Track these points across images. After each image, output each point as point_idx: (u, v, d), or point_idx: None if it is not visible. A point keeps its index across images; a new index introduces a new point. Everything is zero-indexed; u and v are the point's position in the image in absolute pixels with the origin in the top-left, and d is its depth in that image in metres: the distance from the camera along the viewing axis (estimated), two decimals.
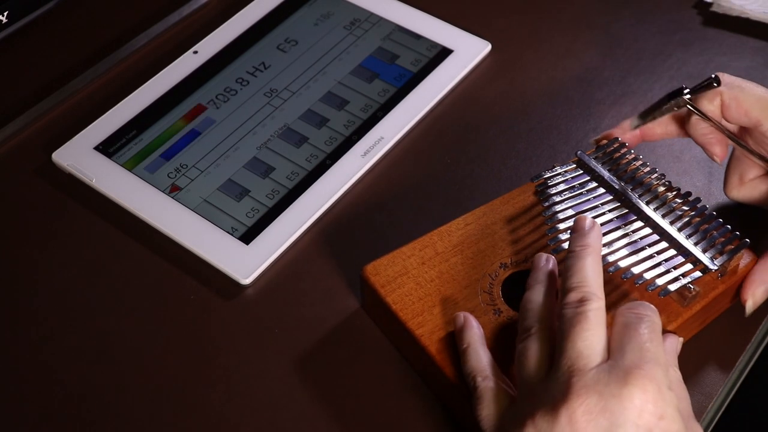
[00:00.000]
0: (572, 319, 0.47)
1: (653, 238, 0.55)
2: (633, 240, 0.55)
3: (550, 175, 0.59)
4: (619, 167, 0.59)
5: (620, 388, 0.44)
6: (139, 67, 0.75)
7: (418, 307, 0.55)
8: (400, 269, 0.56)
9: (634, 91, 0.72)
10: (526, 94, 0.72)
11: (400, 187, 0.66)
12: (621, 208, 0.57)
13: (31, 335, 0.59)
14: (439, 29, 0.75)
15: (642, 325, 0.47)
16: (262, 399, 0.55)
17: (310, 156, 0.67)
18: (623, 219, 0.56)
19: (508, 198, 0.60)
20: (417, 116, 0.70)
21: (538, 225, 0.58)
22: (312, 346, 0.58)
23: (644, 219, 0.56)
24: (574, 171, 0.59)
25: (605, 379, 0.44)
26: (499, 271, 0.56)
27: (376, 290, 0.55)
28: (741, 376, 0.58)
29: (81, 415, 0.55)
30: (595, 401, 0.44)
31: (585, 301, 0.47)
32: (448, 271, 0.56)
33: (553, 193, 0.58)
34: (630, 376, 0.44)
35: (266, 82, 0.72)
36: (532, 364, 0.48)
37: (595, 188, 0.58)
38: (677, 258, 0.54)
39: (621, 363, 0.45)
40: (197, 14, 0.79)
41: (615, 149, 0.60)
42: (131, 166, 0.66)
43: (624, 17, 0.77)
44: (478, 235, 0.58)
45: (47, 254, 0.63)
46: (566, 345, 0.46)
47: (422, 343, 0.53)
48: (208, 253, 0.61)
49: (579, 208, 0.57)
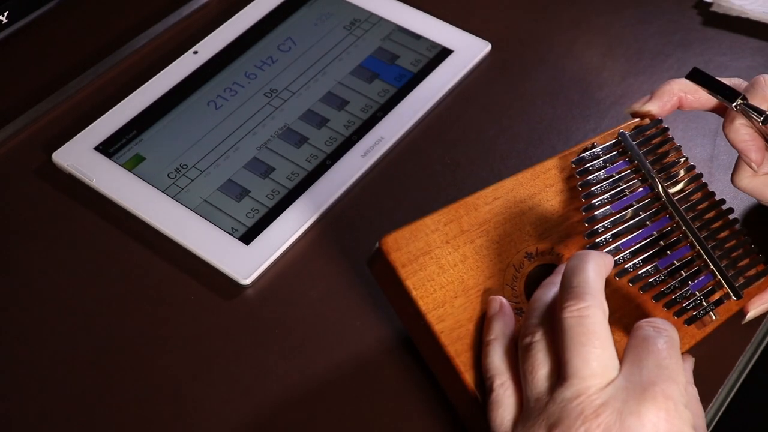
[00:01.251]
0: (579, 335, 0.45)
1: (684, 252, 0.53)
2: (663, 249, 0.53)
3: (590, 154, 0.56)
4: (657, 155, 0.56)
5: (638, 406, 0.43)
6: (139, 67, 0.75)
7: (440, 296, 0.50)
8: (423, 246, 0.51)
9: (634, 91, 0.72)
10: (526, 94, 0.72)
11: (400, 187, 0.66)
12: (655, 208, 0.54)
13: (31, 335, 0.59)
14: (439, 29, 0.75)
15: (660, 340, 0.45)
16: (262, 399, 0.55)
17: (310, 156, 0.67)
18: (658, 224, 0.54)
19: (540, 171, 0.55)
20: (417, 116, 0.70)
21: (569, 209, 0.55)
22: (312, 346, 0.58)
23: (676, 225, 0.54)
24: (612, 152, 0.56)
25: (622, 396, 0.44)
26: (524, 262, 0.53)
27: (396, 270, 0.50)
28: (741, 376, 0.58)
29: (81, 415, 0.55)
30: (613, 420, 0.43)
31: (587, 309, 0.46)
32: (472, 256, 0.52)
33: (591, 181, 0.55)
34: (647, 393, 0.43)
35: (266, 82, 0.72)
36: (540, 378, 0.46)
37: (633, 179, 0.55)
38: (704, 278, 0.53)
39: (638, 379, 0.44)
40: (197, 14, 0.79)
41: (656, 133, 0.57)
42: (131, 166, 0.66)
43: (624, 17, 0.77)
44: (505, 213, 0.53)
45: (47, 254, 0.63)
46: (578, 363, 0.45)
47: (441, 341, 0.50)
48: (208, 253, 0.61)
49: (616, 206, 0.54)
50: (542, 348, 0.47)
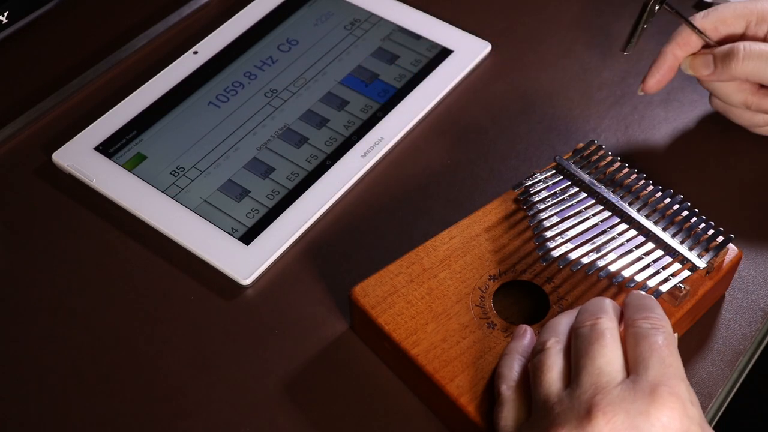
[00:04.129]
0: (589, 337, 0.47)
1: (639, 239, 0.55)
2: (620, 243, 0.55)
3: (531, 182, 0.59)
4: (598, 169, 0.59)
5: (647, 406, 0.43)
6: (139, 67, 0.75)
7: (411, 326, 0.54)
8: (389, 288, 0.55)
9: (634, 91, 0.72)
10: (526, 94, 0.72)
11: (400, 187, 0.66)
12: (604, 211, 0.57)
13: (31, 335, 0.59)
14: (439, 29, 0.75)
15: (659, 338, 0.46)
16: (262, 399, 0.55)
17: (310, 156, 0.67)
18: (608, 222, 0.56)
19: (490, 209, 0.59)
20: (417, 116, 0.70)
21: (522, 232, 0.58)
22: (312, 346, 0.58)
23: (629, 221, 0.56)
24: (554, 177, 0.59)
25: (631, 396, 0.44)
26: (488, 284, 0.56)
27: (367, 311, 0.54)
28: (741, 376, 0.58)
29: (80, 414, 0.55)
30: (621, 419, 0.43)
31: (599, 320, 0.47)
32: (437, 287, 0.55)
33: (536, 201, 0.58)
34: (656, 394, 0.43)
35: (266, 82, 0.72)
36: (549, 380, 0.47)
37: (577, 193, 0.58)
38: (665, 258, 0.55)
39: (645, 379, 0.44)
40: (197, 14, 0.79)
41: (592, 152, 0.60)
42: (131, 167, 0.66)
43: (624, 17, 0.77)
44: (464, 248, 0.57)
45: (47, 254, 0.63)
46: (586, 362, 0.46)
47: (419, 363, 0.53)
48: (208, 253, 0.61)
49: (563, 214, 0.57)
50: (555, 352, 0.48)
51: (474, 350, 0.53)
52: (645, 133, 0.68)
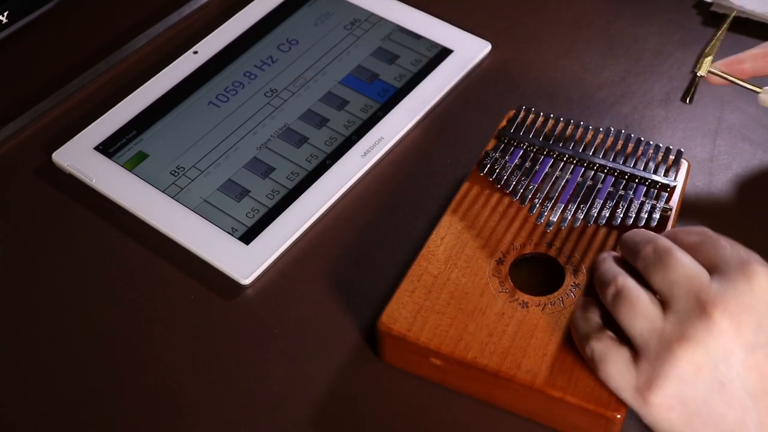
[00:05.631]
0: (659, 256, 0.48)
1: (611, 180, 0.59)
2: (598, 188, 0.59)
3: (492, 161, 0.61)
4: (539, 129, 0.62)
5: (749, 284, 0.45)
6: (139, 67, 0.75)
7: (453, 334, 0.53)
8: (413, 307, 0.54)
9: (634, 91, 0.72)
10: (526, 94, 0.72)
11: (400, 187, 0.66)
12: (570, 164, 0.60)
13: (31, 335, 0.59)
14: (439, 29, 0.75)
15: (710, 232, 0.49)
16: (262, 399, 0.55)
17: (310, 156, 0.67)
18: (577, 173, 0.60)
19: (460, 199, 0.60)
20: (417, 116, 0.70)
21: (504, 211, 0.59)
22: (312, 346, 0.58)
23: (595, 167, 0.60)
24: (508, 149, 0.61)
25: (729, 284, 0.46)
26: (499, 268, 0.56)
27: (404, 336, 0.53)
28: None
29: (80, 415, 0.55)
30: (734, 305, 0.45)
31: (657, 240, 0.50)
32: (456, 288, 0.55)
33: (507, 176, 0.60)
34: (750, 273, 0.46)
35: (266, 82, 0.72)
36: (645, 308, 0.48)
37: (536, 156, 0.61)
38: (641, 188, 0.58)
39: (731, 267, 0.46)
40: (197, 14, 0.79)
41: (525, 115, 0.63)
42: (131, 167, 0.66)
43: (624, 17, 0.77)
44: (458, 243, 0.57)
45: (47, 254, 0.63)
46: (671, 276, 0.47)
47: (480, 365, 0.52)
48: (208, 253, 0.61)
49: (537, 179, 0.59)
50: (631, 284, 0.49)
51: (522, 333, 0.53)
52: (645, 134, 0.68)
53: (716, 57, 0.62)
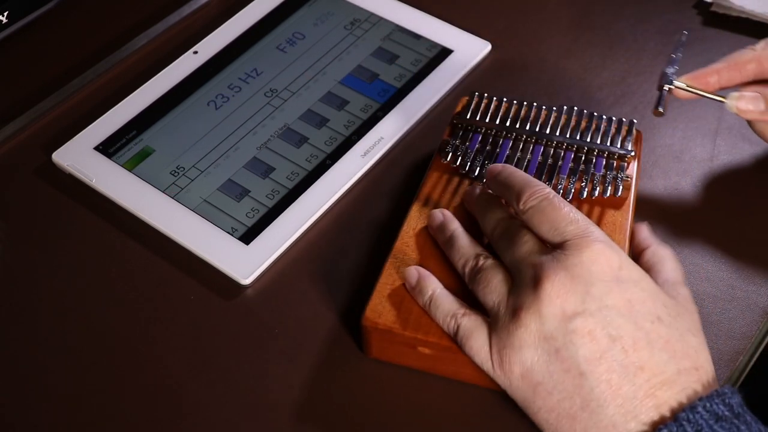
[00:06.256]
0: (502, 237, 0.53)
1: (570, 155, 0.60)
2: (560, 165, 0.60)
3: (453, 149, 0.61)
4: (493, 113, 0.63)
5: (579, 257, 0.48)
6: (139, 67, 0.75)
7: None
8: (396, 299, 0.54)
9: (634, 91, 0.72)
10: (526, 94, 0.72)
11: (400, 187, 0.66)
12: (530, 144, 0.61)
13: (31, 335, 0.59)
14: (439, 29, 0.75)
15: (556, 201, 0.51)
16: (262, 399, 0.55)
17: (310, 156, 0.67)
18: (538, 152, 0.61)
19: (427, 190, 0.61)
20: (417, 116, 0.70)
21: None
22: (312, 346, 0.58)
23: (554, 144, 0.61)
24: (466, 135, 0.62)
25: (561, 256, 0.49)
26: None
27: (390, 329, 0.53)
28: (741, 376, 0.58)
29: (80, 415, 0.55)
30: (562, 276, 0.48)
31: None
32: (435, 275, 0.55)
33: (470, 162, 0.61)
34: (582, 245, 0.49)
35: (266, 82, 0.72)
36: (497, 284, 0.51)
37: (496, 139, 0.62)
38: (600, 160, 0.60)
39: (568, 238, 0.49)
40: (197, 14, 0.79)
41: (478, 102, 0.64)
42: (131, 166, 0.66)
43: (624, 17, 0.77)
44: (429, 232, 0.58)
45: (47, 254, 0.63)
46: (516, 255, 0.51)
47: None
48: (208, 253, 0.61)
49: (500, 161, 0.60)
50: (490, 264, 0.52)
51: None
52: (644, 133, 0.68)
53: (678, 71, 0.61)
